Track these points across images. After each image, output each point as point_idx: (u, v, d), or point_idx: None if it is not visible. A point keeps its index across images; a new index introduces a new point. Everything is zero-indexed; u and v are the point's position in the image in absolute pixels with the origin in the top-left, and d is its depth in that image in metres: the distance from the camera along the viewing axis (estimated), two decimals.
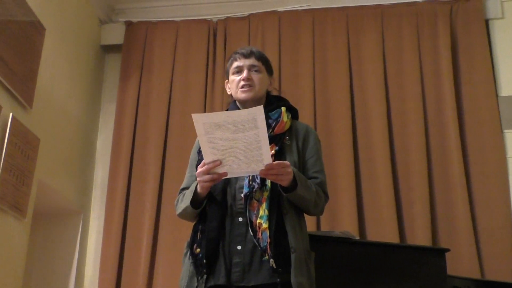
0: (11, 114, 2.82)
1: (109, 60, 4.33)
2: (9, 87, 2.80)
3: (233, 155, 1.53)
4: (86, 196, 3.94)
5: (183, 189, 1.83)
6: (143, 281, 3.55)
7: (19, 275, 2.96)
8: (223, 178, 1.60)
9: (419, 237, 3.38)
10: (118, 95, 4.06)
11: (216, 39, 4.08)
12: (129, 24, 4.22)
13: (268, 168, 1.55)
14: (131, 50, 4.14)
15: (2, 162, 2.68)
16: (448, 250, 2.44)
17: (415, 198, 3.49)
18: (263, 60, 1.87)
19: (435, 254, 2.37)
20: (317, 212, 1.77)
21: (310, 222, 3.31)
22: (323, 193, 1.77)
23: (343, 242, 2.36)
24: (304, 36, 3.98)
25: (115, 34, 4.26)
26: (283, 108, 1.82)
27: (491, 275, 3.25)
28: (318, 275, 1.73)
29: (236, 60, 1.86)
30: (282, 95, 3.67)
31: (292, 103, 3.65)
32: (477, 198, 3.48)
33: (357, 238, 2.47)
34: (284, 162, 1.59)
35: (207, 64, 3.98)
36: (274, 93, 1.94)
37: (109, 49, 4.32)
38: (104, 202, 3.86)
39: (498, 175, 3.50)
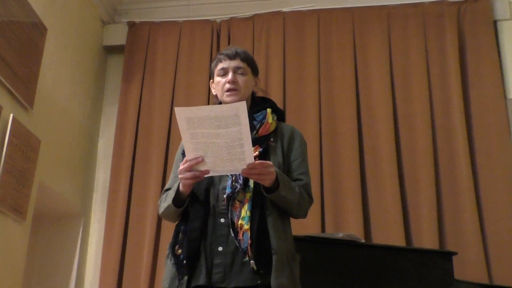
0: (11, 115, 2.83)
1: (111, 61, 4.32)
2: (10, 88, 2.81)
3: (215, 152, 1.52)
4: (87, 199, 3.94)
5: (167, 189, 1.83)
6: (145, 286, 3.54)
7: (19, 278, 2.96)
8: (206, 176, 1.60)
9: (426, 240, 3.35)
10: (120, 96, 4.06)
11: (220, 40, 4.06)
12: (132, 24, 4.23)
13: (250, 167, 1.55)
14: (134, 51, 4.14)
15: (2, 164, 2.68)
16: (455, 253, 2.43)
17: (421, 201, 3.46)
18: (249, 61, 1.88)
19: (442, 258, 2.36)
20: (301, 213, 1.77)
21: (314, 224, 3.36)
22: (307, 195, 1.77)
23: (348, 244, 2.34)
24: (309, 36, 3.97)
25: (117, 35, 4.26)
26: (268, 110, 1.82)
27: (499, 280, 3.23)
28: (322, 278, 1.75)
29: (221, 61, 1.86)
30: (287, 97, 3.84)
31: (297, 105, 3.80)
32: (484, 202, 3.45)
33: (363, 240, 2.47)
34: (267, 162, 1.59)
35: (211, 66, 3.86)
36: (260, 94, 1.94)
37: (111, 50, 4.32)
38: (105, 205, 3.85)
39: (506, 178, 3.47)
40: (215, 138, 1.49)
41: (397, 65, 3.81)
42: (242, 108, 1.45)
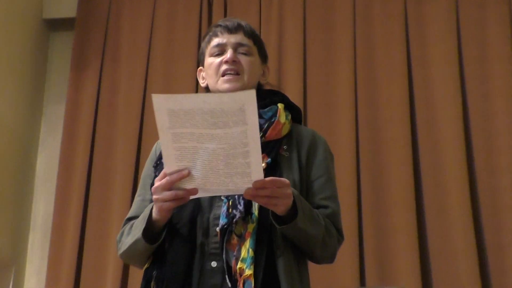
0: None
1: (55, 42, 4.19)
2: None
3: (207, 162, 1.48)
4: (20, 241, 3.81)
5: (130, 218, 1.80)
6: None
7: None
8: (192, 197, 1.55)
9: None
10: (69, 92, 3.90)
11: (212, 10, 3.91)
12: None
13: (258, 186, 1.48)
14: (88, 27, 4.02)
15: None
16: None
17: (506, 241, 3.29)
18: (255, 38, 1.86)
19: None
20: (326, 255, 1.74)
21: (347, 273, 3.31)
22: (335, 230, 1.74)
23: None
24: (340, 5, 3.81)
25: (64, 4, 4.11)
26: (280, 105, 1.79)
27: None
28: None
29: (216, 35, 1.83)
30: (308, 91, 3.61)
31: (324, 101, 3.56)
32: None
33: None
34: (282, 179, 1.53)
35: (199, 47, 3.68)
36: (268, 88, 1.94)
37: (55, 25, 4.20)
38: (47, 250, 3.69)
39: None
40: (209, 142, 1.45)
41: (470, 44, 3.63)
42: (250, 99, 1.39)
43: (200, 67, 1.91)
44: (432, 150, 3.50)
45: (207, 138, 1.45)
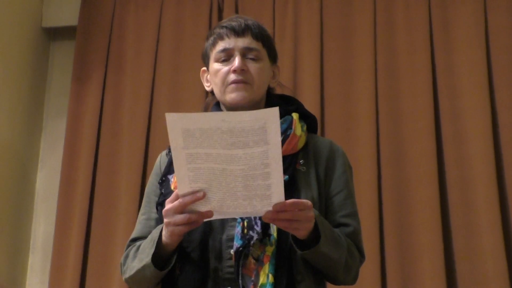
0: None
1: (55, 51, 4.14)
2: None
3: (225, 184, 1.44)
4: (19, 264, 3.73)
5: (135, 239, 1.77)
6: None
7: None
8: (206, 220, 1.52)
9: None
10: (70, 105, 3.86)
11: (222, 17, 3.81)
12: None
13: (279, 209, 1.43)
14: (90, 35, 3.96)
15: None
16: None
17: None
18: (265, 39, 1.81)
19: None
20: (349, 279, 1.69)
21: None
22: (356, 250, 1.70)
23: None
24: (360, 9, 3.73)
25: (65, 12, 4.05)
26: (294, 115, 1.75)
27: None
28: None
29: (222, 38, 1.78)
30: (326, 101, 3.51)
31: (342, 113, 3.74)
32: None
33: None
34: (304, 201, 1.48)
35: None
36: (278, 91, 1.92)
37: (55, 34, 4.15)
38: (47, 273, 3.62)
39: None
40: (227, 163, 1.41)
41: (499, 49, 3.51)
42: (273, 117, 1.38)
43: (204, 68, 1.87)
44: (459, 164, 3.42)
45: (225, 159, 1.43)
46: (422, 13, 3.65)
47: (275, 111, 1.38)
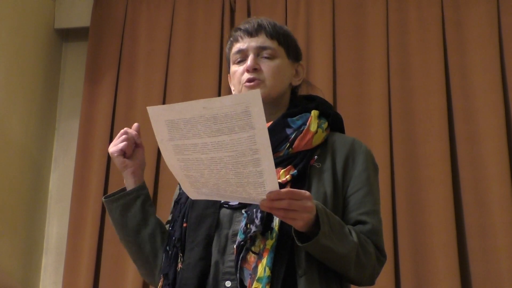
0: None
1: (67, 52, 4.16)
2: None
3: (216, 172, 1.44)
4: (32, 265, 3.73)
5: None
6: None
7: None
8: (204, 198, 1.56)
9: None
10: (83, 106, 3.87)
11: (235, 17, 3.85)
12: None
13: (273, 197, 1.42)
14: (103, 36, 3.98)
15: None
16: None
17: None
18: (280, 37, 1.81)
19: None
20: (363, 277, 1.66)
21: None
22: (374, 248, 1.65)
23: None
24: (373, 8, 3.73)
25: (77, 13, 4.08)
26: (313, 112, 1.74)
27: None
28: None
29: (237, 40, 1.82)
30: (339, 101, 3.53)
31: (355, 114, 3.70)
32: None
33: None
34: (301, 191, 1.46)
35: (221, 56, 3.79)
36: (304, 91, 1.90)
37: (68, 35, 4.17)
38: (61, 274, 3.62)
39: None
40: (215, 151, 1.41)
41: None
42: (254, 100, 1.35)
43: (229, 74, 1.89)
44: (472, 164, 3.41)
45: (212, 147, 1.42)
46: (435, 13, 3.65)
47: (256, 93, 1.38)
